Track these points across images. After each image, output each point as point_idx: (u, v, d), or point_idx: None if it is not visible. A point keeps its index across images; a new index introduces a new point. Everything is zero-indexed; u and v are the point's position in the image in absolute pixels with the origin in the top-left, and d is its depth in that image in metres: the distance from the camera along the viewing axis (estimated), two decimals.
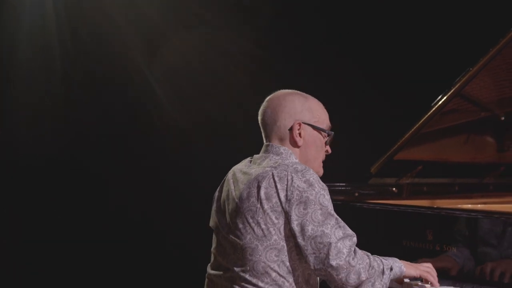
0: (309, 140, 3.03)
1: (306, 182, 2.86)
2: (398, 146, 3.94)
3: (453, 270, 3.28)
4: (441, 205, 3.95)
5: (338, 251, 2.83)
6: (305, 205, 2.84)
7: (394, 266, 2.98)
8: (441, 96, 3.86)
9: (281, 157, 2.98)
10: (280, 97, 3.05)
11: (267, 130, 3.04)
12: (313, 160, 3.04)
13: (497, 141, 4.44)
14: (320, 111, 3.07)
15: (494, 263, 3.14)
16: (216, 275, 2.98)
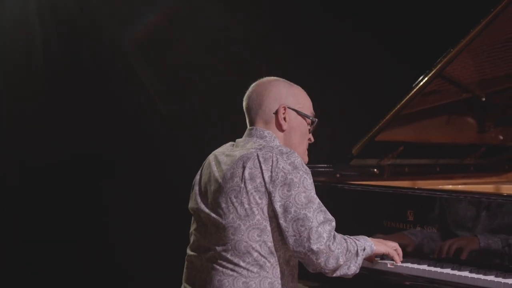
0: (293, 125, 3.05)
1: (291, 165, 2.87)
2: (380, 127, 3.95)
3: (433, 251, 3.29)
4: (422, 186, 3.96)
5: (319, 235, 2.84)
6: (289, 187, 2.85)
7: (366, 246, 3.02)
8: (422, 77, 3.86)
9: (265, 140, 2.99)
10: (265, 83, 3.08)
11: (252, 114, 3.06)
12: (297, 145, 3.06)
13: (478, 122, 4.46)
14: (304, 98, 3.10)
15: (473, 244, 3.16)
16: (196, 256, 2.99)
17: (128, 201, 7.49)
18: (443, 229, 3.29)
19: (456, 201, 3.28)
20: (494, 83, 4.26)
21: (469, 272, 3.07)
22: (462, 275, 3.05)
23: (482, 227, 3.16)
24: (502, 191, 3.92)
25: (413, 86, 3.87)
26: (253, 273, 2.89)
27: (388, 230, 3.43)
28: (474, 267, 3.10)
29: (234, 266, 2.89)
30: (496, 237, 3.09)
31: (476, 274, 3.04)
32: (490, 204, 3.17)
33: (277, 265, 2.92)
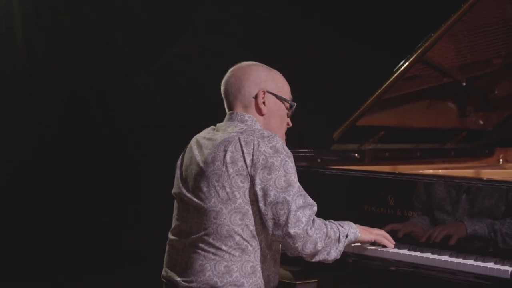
0: (272, 109, 3.05)
1: (272, 148, 2.87)
2: (360, 112, 3.94)
3: (413, 235, 3.30)
4: (403, 170, 3.97)
5: (297, 220, 2.84)
6: (269, 171, 2.85)
7: (349, 232, 3.02)
8: (403, 62, 3.86)
9: (246, 124, 3.00)
10: (244, 67, 3.08)
11: (231, 99, 3.05)
12: (276, 129, 3.06)
13: (459, 107, 4.46)
14: (283, 83, 3.11)
15: (453, 228, 3.17)
16: (177, 240, 2.98)
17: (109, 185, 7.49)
18: (423, 213, 3.29)
19: (437, 185, 3.29)
20: (475, 68, 4.26)
21: (448, 256, 3.08)
22: (442, 259, 3.07)
23: (462, 211, 3.17)
24: (482, 176, 3.93)
25: (394, 71, 3.87)
26: (235, 257, 2.89)
27: (369, 214, 3.43)
28: (453, 251, 3.12)
29: (216, 250, 2.89)
30: (477, 221, 3.11)
31: (456, 258, 3.05)
32: (470, 188, 3.18)
33: (259, 249, 2.92)
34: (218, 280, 2.88)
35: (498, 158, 4.56)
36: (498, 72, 4.30)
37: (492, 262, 2.96)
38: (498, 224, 3.04)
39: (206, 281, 2.89)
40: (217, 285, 2.88)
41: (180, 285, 2.93)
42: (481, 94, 4.42)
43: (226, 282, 2.88)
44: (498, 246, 3.03)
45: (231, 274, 2.88)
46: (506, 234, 3.02)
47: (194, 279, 2.90)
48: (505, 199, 3.07)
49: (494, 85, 4.40)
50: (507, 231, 3.02)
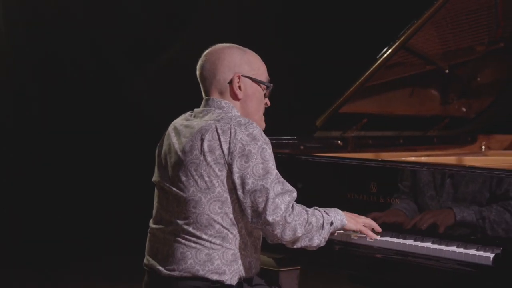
0: (249, 93, 3.02)
1: (249, 136, 2.85)
2: (343, 99, 3.94)
3: (396, 222, 3.30)
4: (385, 157, 3.97)
5: (275, 207, 2.83)
6: (247, 158, 2.83)
7: (335, 220, 3.01)
8: (386, 49, 3.85)
9: (223, 110, 2.97)
10: (218, 51, 3.03)
11: (206, 84, 3.02)
12: (254, 113, 3.04)
13: (442, 94, 4.47)
14: (259, 64, 3.07)
15: (436, 215, 3.18)
16: (158, 229, 2.97)
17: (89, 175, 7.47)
18: (406, 200, 3.30)
19: (419, 172, 3.29)
20: (458, 55, 4.27)
21: (431, 243, 3.09)
22: (424, 246, 3.07)
23: (445, 198, 3.17)
24: (465, 163, 3.94)
25: (377, 58, 3.86)
26: (216, 245, 2.88)
27: (352, 202, 3.43)
28: (436, 238, 3.12)
29: (197, 239, 2.88)
30: (465, 208, 3.11)
31: (438, 245, 3.06)
32: (453, 175, 3.18)
33: (239, 237, 2.91)
34: (200, 268, 2.87)
35: (481, 145, 4.58)
36: (481, 59, 4.31)
37: (474, 249, 2.96)
38: (486, 211, 3.04)
39: (187, 269, 2.88)
40: (199, 273, 2.87)
41: (162, 273, 2.92)
42: (464, 81, 4.43)
43: (208, 270, 2.87)
44: (486, 232, 3.03)
45: (213, 262, 2.87)
46: (494, 221, 3.02)
47: (176, 267, 2.89)
48: (488, 186, 3.07)
49: (477, 73, 4.41)
50: (495, 218, 3.02)
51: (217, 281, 2.88)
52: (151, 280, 2.99)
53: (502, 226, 3.00)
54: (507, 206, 2.99)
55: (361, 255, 3.23)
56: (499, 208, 3.01)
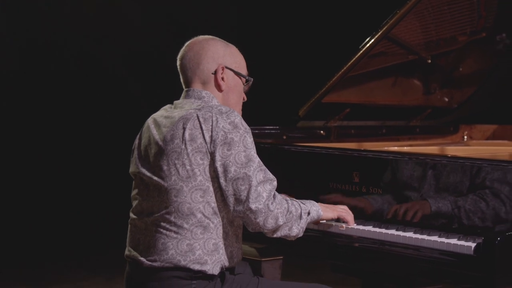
0: (231, 85, 3.03)
1: (231, 124, 2.85)
2: (326, 88, 3.94)
3: (378, 212, 3.31)
4: (368, 147, 3.97)
5: (258, 195, 2.84)
6: (229, 146, 2.83)
7: (312, 210, 3.02)
8: (369, 39, 3.85)
9: (203, 100, 2.97)
10: (202, 41, 3.03)
11: (188, 74, 3.01)
12: (234, 105, 3.04)
13: (424, 84, 4.48)
14: (240, 58, 3.08)
15: (417, 205, 3.18)
16: (139, 219, 2.96)
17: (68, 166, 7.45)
18: (388, 190, 3.30)
19: (402, 162, 3.30)
20: (440, 45, 4.27)
21: (413, 233, 3.09)
22: (406, 236, 3.08)
23: (427, 187, 3.18)
24: (447, 153, 3.95)
25: (360, 48, 3.86)
26: (197, 235, 2.88)
27: (334, 191, 3.44)
28: (418, 228, 3.13)
29: (178, 229, 2.87)
30: (441, 199, 3.12)
31: (420, 234, 3.06)
32: (435, 165, 3.19)
33: (220, 226, 2.91)
34: (181, 259, 2.87)
35: (463, 135, 4.59)
36: (463, 50, 4.32)
37: (455, 239, 2.97)
38: (461, 201, 3.06)
39: (169, 259, 2.87)
40: (180, 263, 2.86)
41: (143, 264, 2.91)
42: (446, 71, 4.43)
43: (189, 260, 2.87)
44: (462, 221, 3.05)
45: (194, 252, 2.87)
46: (470, 211, 3.04)
47: (157, 258, 2.89)
48: (470, 176, 3.08)
49: (459, 63, 4.42)
50: (471, 207, 3.04)
51: (199, 271, 2.88)
52: (133, 271, 2.98)
53: (478, 215, 3.01)
54: (483, 195, 3.01)
55: (344, 244, 3.23)
56: (475, 197, 3.03)
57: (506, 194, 2.96)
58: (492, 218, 2.98)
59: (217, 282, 2.92)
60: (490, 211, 2.99)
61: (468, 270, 2.84)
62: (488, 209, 2.99)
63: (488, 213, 2.99)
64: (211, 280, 2.90)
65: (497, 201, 2.98)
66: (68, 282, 6.28)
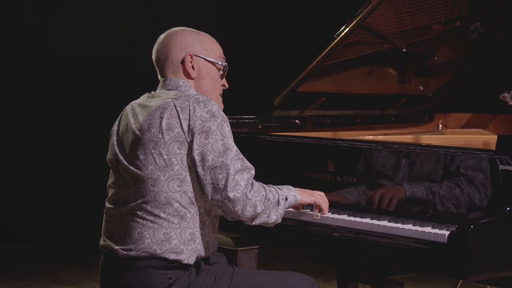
0: (202, 72, 3.03)
1: (208, 113, 2.85)
2: (301, 78, 3.94)
3: (353, 201, 3.32)
4: (343, 136, 3.98)
5: (236, 183, 2.84)
6: (206, 135, 2.83)
7: (289, 195, 3.02)
8: (344, 28, 3.85)
9: (180, 89, 2.98)
10: (171, 33, 3.06)
11: (161, 66, 3.04)
12: (209, 92, 3.04)
13: (399, 73, 4.49)
14: (212, 44, 3.08)
15: (392, 191, 3.19)
16: (115, 208, 2.95)
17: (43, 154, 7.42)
18: (363, 179, 3.31)
19: (377, 151, 3.31)
20: (415, 34, 4.28)
21: (388, 222, 3.10)
22: (381, 224, 3.08)
23: (402, 176, 3.19)
24: (422, 141, 3.96)
25: (335, 36, 3.86)
26: (174, 224, 2.87)
27: (309, 180, 3.44)
28: (393, 217, 3.14)
29: (155, 218, 2.87)
30: (416, 184, 3.13)
31: (395, 223, 3.07)
32: (410, 154, 3.20)
33: (197, 216, 2.91)
34: (157, 248, 2.86)
35: (438, 123, 4.61)
36: (438, 39, 4.33)
37: (429, 227, 2.99)
38: (436, 187, 3.07)
39: (145, 249, 2.87)
40: (156, 253, 2.86)
41: (119, 253, 2.91)
42: (421, 60, 4.45)
43: (166, 249, 2.86)
44: (437, 208, 3.06)
45: (170, 241, 2.87)
46: (444, 197, 3.05)
47: (133, 247, 2.88)
48: (444, 164, 3.10)
49: (434, 52, 4.43)
50: (445, 194, 3.05)
51: (174, 261, 2.87)
52: (108, 261, 2.97)
53: (452, 201, 3.03)
54: (457, 182, 3.03)
55: (319, 234, 3.24)
56: (450, 184, 3.05)
57: (480, 181, 2.98)
58: (466, 205, 3.00)
59: (192, 272, 2.92)
60: (465, 198, 3.00)
61: (442, 258, 2.85)
62: (463, 196, 3.01)
63: (462, 200, 3.01)
64: (186, 270, 2.90)
65: (472, 188, 2.99)
66: (44, 273, 6.27)
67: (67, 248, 7.04)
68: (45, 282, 6.03)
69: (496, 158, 2.93)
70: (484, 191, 2.97)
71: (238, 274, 2.98)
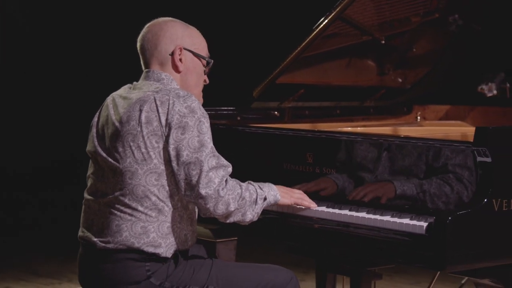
0: (189, 66, 3.01)
1: (187, 108, 2.84)
2: (280, 69, 3.93)
3: (331, 193, 3.32)
4: (322, 128, 3.98)
5: (209, 180, 2.82)
6: (183, 130, 2.82)
7: (268, 195, 3.00)
8: (322, 19, 3.85)
9: (162, 83, 2.95)
10: (161, 23, 3.02)
11: (147, 55, 3.00)
12: (193, 87, 3.03)
13: (378, 64, 4.49)
14: (200, 39, 3.07)
15: (382, 189, 3.19)
16: (93, 200, 2.94)
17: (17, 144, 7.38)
18: (342, 171, 3.32)
19: (355, 143, 3.31)
20: (394, 26, 4.28)
21: (366, 213, 3.11)
22: (359, 216, 3.09)
23: (381, 169, 3.20)
24: (400, 133, 3.98)
25: (314, 28, 3.85)
26: (152, 218, 2.87)
27: (288, 172, 3.44)
28: (371, 208, 3.14)
29: (132, 211, 2.86)
30: (406, 182, 3.13)
31: (373, 214, 3.08)
32: (389, 145, 3.21)
33: (175, 209, 2.90)
34: (135, 241, 2.85)
35: (416, 115, 4.62)
36: (417, 30, 4.33)
37: (408, 218, 2.99)
38: (426, 185, 3.07)
39: (123, 241, 2.86)
40: (134, 246, 2.85)
41: (97, 245, 2.90)
42: (400, 52, 4.45)
43: (143, 242, 2.86)
44: (427, 206, 3.06)
45: (148, 234, 2.86)
46: (435, 195, 3.05)
47: (111, 239, 2.87)
48: (423, 156, 3.10)
49: (413, 43, 4.44)
50: (436, 191, 3.05)
51: (152, 254, 2.87)
52: (86, 253, 2.97)
53: (442, 199, 3.03)
54: (447, 179, 3.03)
55: (297, 225, 3.24)
56: (439, 181, 3.04)
57: (458, 172, 2.99)
58: (455, 202, 2.99)
59: (170, 264, 2.91)
60: (455, 195, 3.00)
61: (420, 249, 2.86)
62: (453, 193, 3.01)
63: (452, 197, 3.00)
64: (164, 262, 2.90)
65: (461, 186, 2.99)
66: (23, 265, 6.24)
67: (46, 239, 7.01)
68: (23, 274, 6.00)
69: (474, 150, 2.94)
70: (462, 182, 2.98)
71: (216, 266, 2.98)
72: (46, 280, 5.85)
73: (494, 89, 4.36)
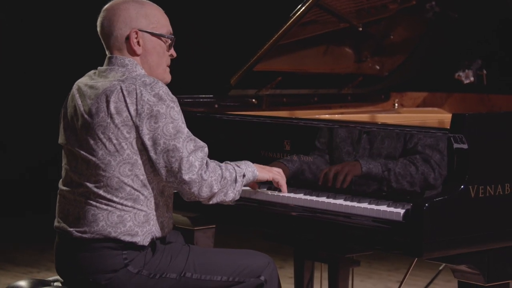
0: (148, 48, 2.96)
1: (155, 96, 2.81)
2: (258, 57, 3.92)
3: (309, 180, 3.33)
4: (300, 115, 3.98)
5: (190, 165, 2.82)
6: (156, 119, 2.80)
7: (247, 172, 3.01)
8: (300, 7, 3.84)
9: (127, 68, 2.91)
10: (114, 7, 2.96)
11: (106, 41, 2.97)
12: (156, 67, 2.98)
13: (355, 52, 4.49)
14: (158, 16, 2.99)
15: (348, 167, 3.20)
16: (68, 191, 2.93)
17: None
18: (319, 158, 3.32)
19: (333, 130, 3.31)
20: (371, 13, 4.28)
21: (343, 200, 3.11)
22: (337, 203, 3.09)
23: (358, 155, 3.20)
24: (378, 120, 3.98)
25: (291, 16, 3.85)
26: (128, 207, 2.86)
27: (265, 160, 3.44)
28: (349, 195, 3.15)
29: (108, 202, 2.85)
30: (372, 161, 3.15)
31: (351, 201, 3.09)
32: (367, 133, 3.21)
33: (151, 197, 2.89)
34: (112, 230, 2.84)
35: (394, 102, 4.62)
36: (394, 18, 4.33)
37: (385, 205, 3.00)
38: (392, 164, 3.09)
39: (99, 231, 2.85)
40: (111, 235, 2.84)
41: (73, 235, 2.88)
42: (377, 39, 4.45)
43: (120, 232, 2.85)
44: (392, 185, 3.08)
45: (125, 223, 2.85)
46: (399, 174, 3.07)
47: (87, 229, 2.86)
48: (399, 142, 3.11)
49: (390, 31, 4.44)
50: (400, 171, 3.07)
51: (129, 242, 2.86)
52: (63, 242, 2.95)
53: (407, 179, 3.05)
54: (413, 160, 3.04)
55: (275, 212, 3.24)
56: (405, 161, 3.06)
57: (435, 160, 3.00)
58: (420, 183, 3.01)
59: (148, 252, 2.90)
60: (419, 175, 3.02)
61: (398, 236, 2.87)
62: (418, 174, 3.03)
63: (417, 178, 3.03)
64: (141, 250, 2.89)
65: (426, 167, 3.01)
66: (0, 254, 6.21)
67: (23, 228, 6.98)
68: (1, 263, 5.98)
69: (450, 137, 2.95)
70: (439, 169, 2.99)
71: (194, 252, 2.98)
72: (24, 269, 5.83)
73: (471, 76, 4.38)
